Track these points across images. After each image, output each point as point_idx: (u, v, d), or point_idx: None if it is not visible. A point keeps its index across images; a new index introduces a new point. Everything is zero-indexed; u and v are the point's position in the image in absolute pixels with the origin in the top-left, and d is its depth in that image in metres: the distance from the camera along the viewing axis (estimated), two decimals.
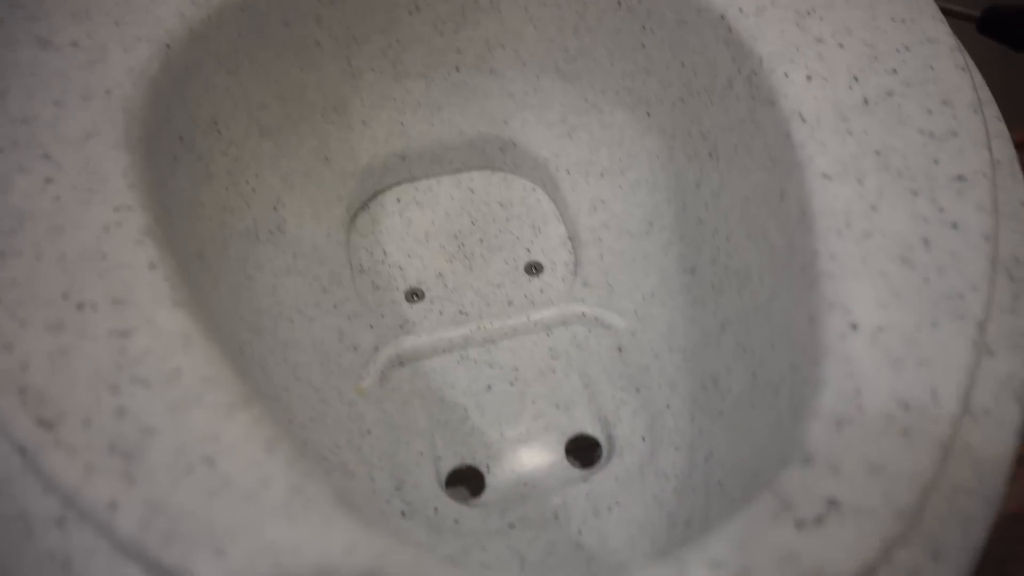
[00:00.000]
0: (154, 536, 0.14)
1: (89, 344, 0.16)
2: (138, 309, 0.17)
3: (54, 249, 0.18)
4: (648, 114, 0.32)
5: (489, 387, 0.31)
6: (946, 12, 0.29)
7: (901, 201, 0.18)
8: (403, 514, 0.25)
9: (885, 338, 0.16)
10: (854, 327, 0.17)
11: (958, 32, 0.29)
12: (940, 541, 0.15)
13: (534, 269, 0.35)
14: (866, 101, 0.21)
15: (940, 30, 0.22)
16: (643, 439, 0.28)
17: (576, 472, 0.29)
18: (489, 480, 0.29)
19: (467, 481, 0.29)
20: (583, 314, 0.32)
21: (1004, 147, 0.22)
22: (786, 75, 0.22)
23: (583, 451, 0.30)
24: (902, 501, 0.14)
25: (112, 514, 0.14)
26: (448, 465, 0.29)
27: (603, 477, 0.28)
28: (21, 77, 0.22)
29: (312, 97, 0.32)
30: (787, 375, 0.19)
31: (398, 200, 0.37)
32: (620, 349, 0.31)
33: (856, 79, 0.21)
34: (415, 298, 0.34)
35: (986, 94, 0.23)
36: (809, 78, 0.21)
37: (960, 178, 0.19)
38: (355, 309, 0.32)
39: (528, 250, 0.36)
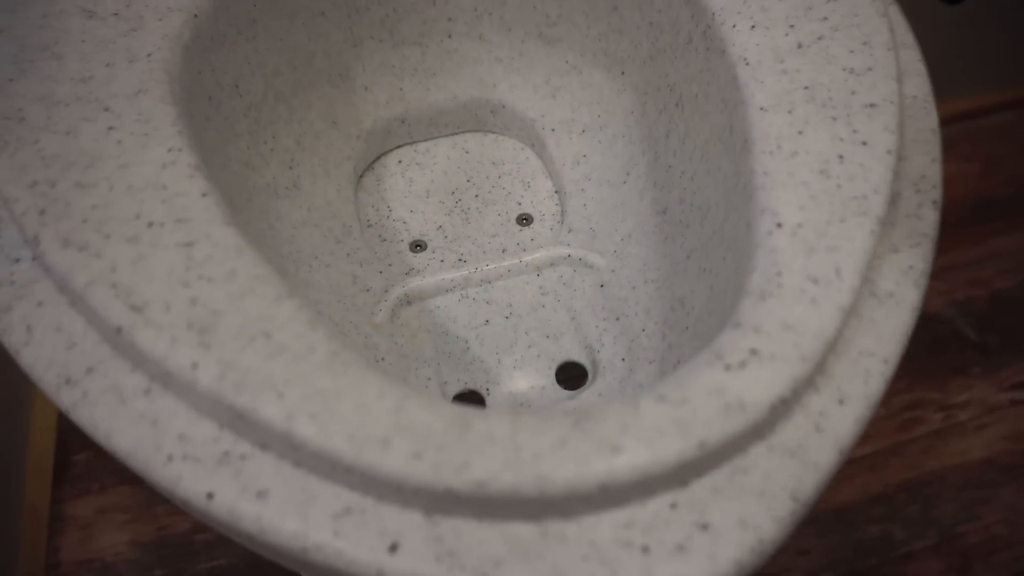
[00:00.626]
0: (228, 386, 0.17)
1: (161, 252, 0.20)
2: (197, 226, 0.21)
3: (123, 181, 0.22)
4: (623, 73, 0.35)
5: (487, 321, 0.35)
6: None
7: (823, 125, 0.22)
8: None
9: (802, 232, 0.20)
10: (779, 225, 0.20)
11: None
12: (845, 391, 0.19)
13: (525, 220, 0.39)
14: (799, 45, 0.25)
15: None
16: (623, 360, 0.32)
17: (565, 393, 0.33)
18: (489, 402, 0.33)
19: (470, 403, 0.33)
20: (569, 256, 0.36)
21: (921, 84, 0.26)
22: (734, 26, 0.25)
23: (572, 382, 0.34)
24: (807, 349, 0.18)
25: (194, 372, 0.18)
26: (452, 389, 0.33)
27: (588, 394, 0.32)
28: (73, 43, 0.26)
29: (319, 64, 0.36)
30: (732, 277, 0.23)
31: (399, 161, 0.41)
32: (602, 285, 0.35)
33: (792, 26, 0.25)
34: (418, 248, 0.38)
35: (909, 38, 0.27)
36: (753, 27, 0.25)
37: (872, 105, 0.23)
38: (366, 257, 0.36)
39: (519, 203, 0.39)
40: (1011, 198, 0.92)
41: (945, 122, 0.99)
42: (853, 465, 0.71)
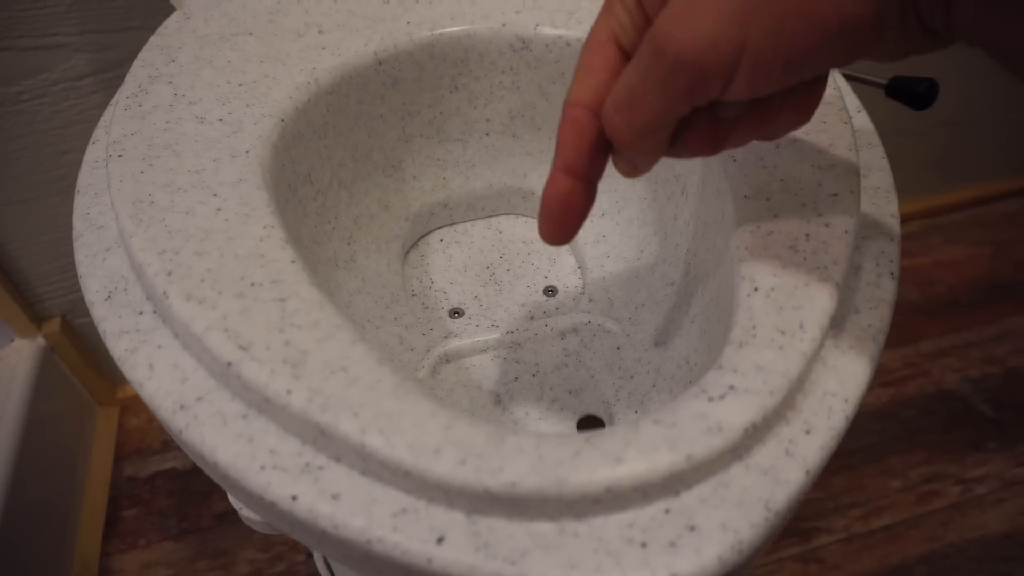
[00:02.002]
0: (315, 408, 0.22)
1: (261, 305, 0.25)
2: (288, 286, 0.26)
3: (231, 251, 0.27)
4: None
5: (516, 378, 0.40)
6: (861, 80, 0.38)
7: (794, 210, 0.27)
8: None
9: (774, 294, 0.25)
10: (756, 289, 0.25)
11: (869, 96, 0.38)
12: (811, 423, 0.23)
13: (551, 291, 0.44)
14: (777, 146, 0.30)
15: (833, 95, 0.32)
16: (635, 412, 0.37)
17: None
18: None
19: None
20: (589, 322, 0.41)
21: (883, 177, 0.31)
22: None
23: (590, 428, 0.38)
24: (775, 385, 0.22)
25: (288, 397, 0.23)
26: None
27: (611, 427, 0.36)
28: (189, 144, 0.32)
29: (376, 157, 0.42)
30: (722, 334, 0.28)
31: (441, 240, 0.47)
32: (618, 348, 0.40)
33: None
34: (456, 315, 0.43)
35: (875, 140, 0.32)
36: None
37: (834, 195, 0.28)
38: (410, 322, 0.41)
39: (546, 276, 0.45)
40: (1022, 281, 0.95)
41: (957, 208, 1.04)
42: (872, 536, 0.73)
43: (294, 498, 0.22)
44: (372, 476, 0.22)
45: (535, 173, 0.46)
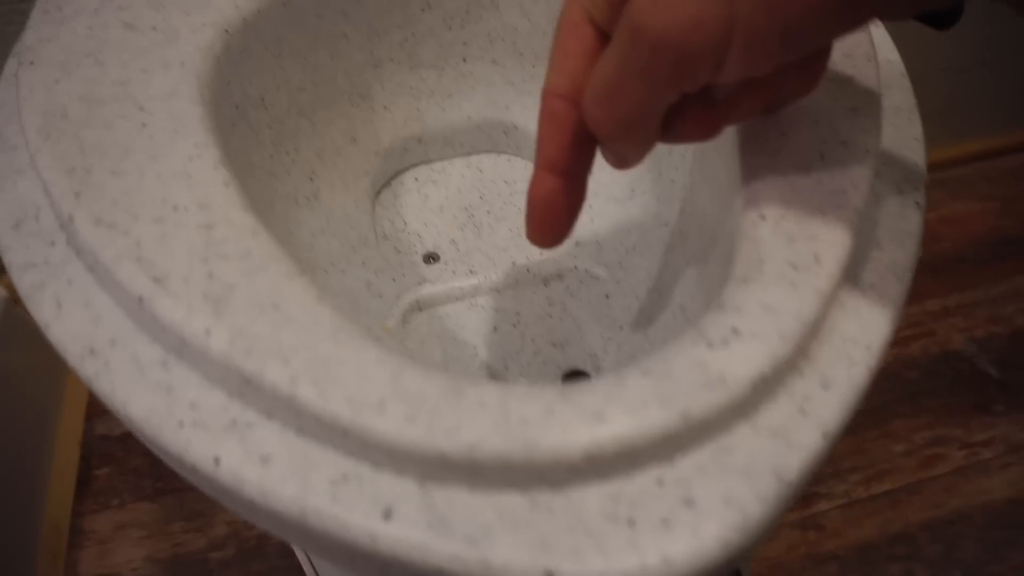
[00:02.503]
0: (237, 351, 0.19)
1: (183, 232, 0.21)
2: (218, 211, 0.22)
3: (152, 170, 0.23)
4: None
5: (495, 329, 0.36)
6: None
7: (805, 127, 0.23)
8: None
9: (784, 223, 0.21)
10: (762, 217, 0.21)
11: None
12: (829, 375, 0.20)
13: None
14: None
15: None
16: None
17: None
18: None
19: None
20: (575, 267, 0.37)
21: (904, 97, 0.27)
22: None
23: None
24: (787, 329, 0.19)
25: (207, 338, 0.19)
26: None
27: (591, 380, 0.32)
28: (115, 52, 0.28)
29: (341, 83, 0.38)
30: (723, 276, 0.24)
31: (416, 179, 0.43)
32: (607, 295, 0.36)
33: None
34: (431, 260, 0.39)
35: (894, 55, 0.28)
36: None
37: (852, 109, 0.24)
38: (380, 266, 0.38)
39: None
40: None
41: (962, 162, 1.00)
42: (873, 502, 0.70)
43: (217, 460, 0.19)
44: (309, 436, 0.19)
45: (517, 105, 0.42)
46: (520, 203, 0.41)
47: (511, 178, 0.43)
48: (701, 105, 0.21)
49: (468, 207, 0.41)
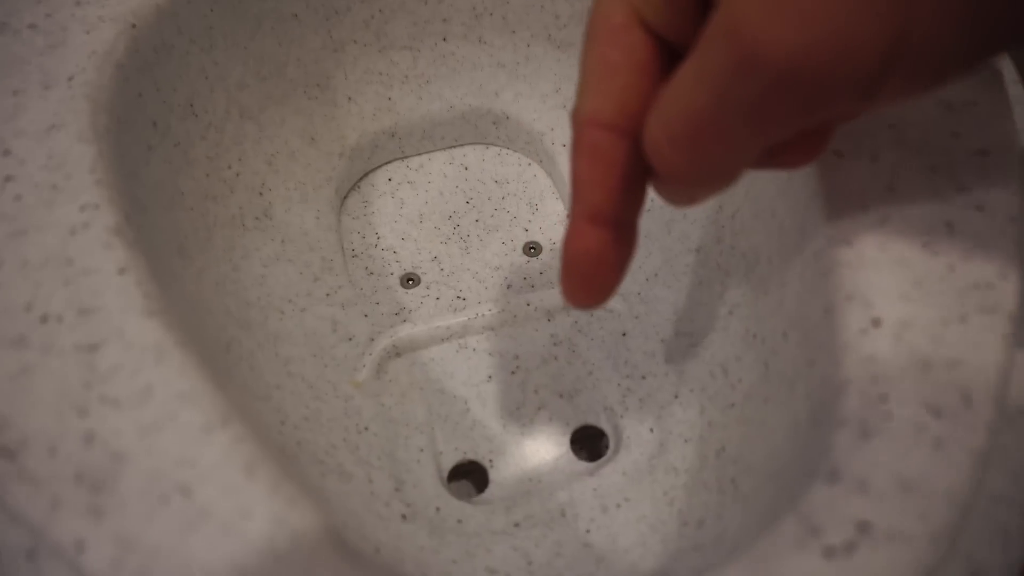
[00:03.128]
0: None
1: (54, 360, 0.15)
2: (107, 320, 0.16)
3: (15, 256, 0.17)
4: None
5: (490, 377, 0.30)
6: None
7: (919, 179, 0.17)
8: (404, 517, 0.24)
9: (910, 335, 0.15)
10: (876, 323, 0.15)
11: None
12: (979, 560, 0.14)
13: (533, 249, 0.34)
14: None
15: None
16: (651, 430, 0.27)
17: (582, 465, 0.28)
18: (493, 475, 0.28)
19: (470, 475, 0.28)
20: None
21: None
22: None
23: (589, 440, 0.29)
24: (939, 522, 0.13)
25: (80, 554, 0.13)
26: (450, 460, 0.28)
27: (610, 471, 0.27)
28: None
29: (293, 74, 0.31)
30: (803, 370, 0.18)
31: (389, 179, 0.36)
32: (624, 334, 0.30)
33: None
34: (410, 283, 0.33)
35: (1005, 62, 0.22)
36: None
37: (982, 152, 0.17)
38: (348, 297, 0.31)
39: (526, 229, 0.34)
40: None
41: None
42: None
43: None
44: None
45: (509, 91, 0.35)
46: (514, 208, 0.35)
47: (503, 177, 0.36)
48: (806, 132, 0.15)
49: (453, 215, 0.35)
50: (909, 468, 0.13)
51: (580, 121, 0.16)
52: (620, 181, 0.17)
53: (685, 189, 0.16)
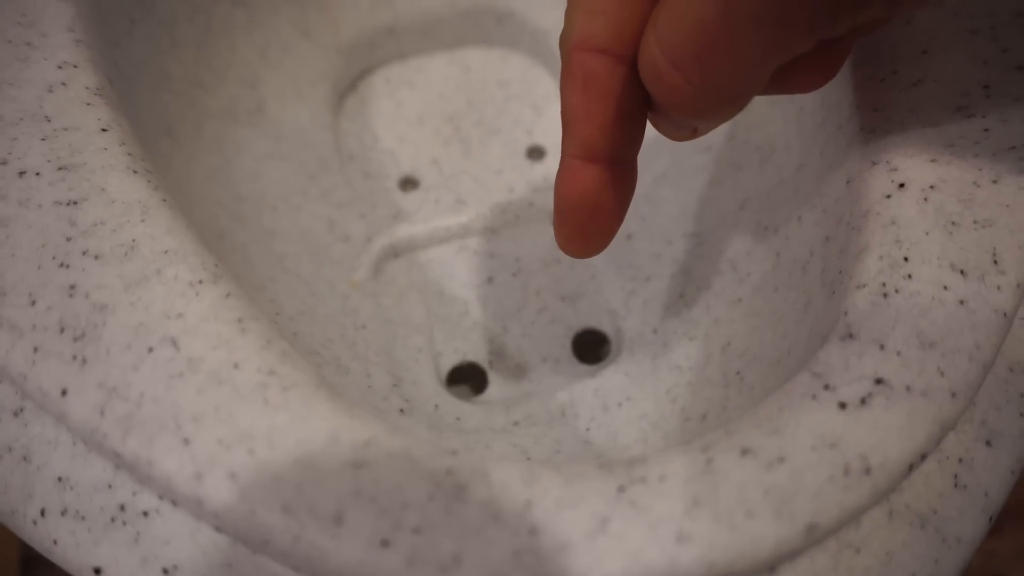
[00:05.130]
0: (112, 424, 0.12)
1: (33, 214, 0.14)
2: (88, 175, 0.15)
3: None
4: None
5: (490, 279, 0.29)
6: None
7: (957, 42, 0.16)
8: (402, 411, 0.24)
9: (938, 197, 0.14)
10: (901, 186, 0.14)
11: None
12: (993, 426, 0.13)
13: (536, 153, 0.33)
14: None
15: None
16: (654, 331, 0.27)
17: (583, 368, 0.28)
18: (492, 377, 0.27)
19: (469, 379, 0.28)
20: None
21: None
22: None
23: (590, 348, 0.28)
24: (960, 379, 0.12)
25: (64, 401, 0.12)
26: (449, 362, 0.28)
27: (612, 372, 0.26)
28: None
29: None
30: (818, 248, 0.17)
31: (387, 81, 0.35)
32: (629, 237, 0.29)
33: None
34: (409, 186, 0.32)
35: None
36: None
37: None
38: (345, 197, 0.30)
39: (529, 132, 0.33)
40: None
41: None
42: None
43: (97, 572, 0.13)
44: (234, 537, 0.12)
45: None
46: (517, 110, 0.34)
47: (505, 78, 0.35)
48: (823, 46, 0.13)
49: (453, 117, 0.34)
50: (931, 327, 0.13)
51: (570, 46, 0.15)
52: (617, 113, 0.15)
53: (687, 119, 0.15)
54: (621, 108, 0.15)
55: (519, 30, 0.34)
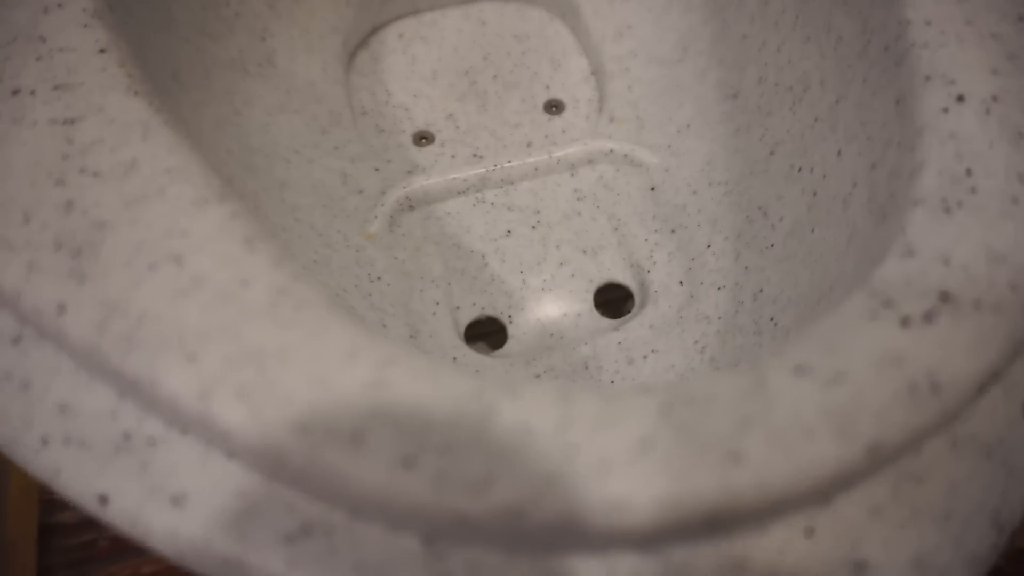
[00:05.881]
0: (112, 341, 0.11)
1: (27, 132, 0.13)
2: (86, 95, 0.14)
3: None
4: None
5: (509, 232, 0.28)
6: None
7: None
8: None
9: (1001, 109, 0.13)
10: (960, 99, 0.13)
11: None
12: None
13: (554, 107, 0.32)
14: None
15: None
16: (680, 283, 0.26)
17: (606, 322, 0.27)
18: (511, 331, 0.27)
19: (487, 336, 0.27)
20: (611, 151, 0.29)
21: None
22: None
23: (612, 305, 0.27)
24: None
25: (61, 318, 0.11)
26: (467, 316, 0.27)
27: (636, 325, 0.25)
28: None
29: None
30: (863, 177, 0.16)
31: (400, 36, 0.34)
32: (653, 188, 0.28)
33: None
34: (424, 141, 0.31)
35: None
36: None
37: None
38: (358, 151, 0.29)
39: (547, 87, 0.32)
40: None
41: None
42: None
43: (103, 500, 0.12)
44: (247, 463, 0.12)
45: None
46: (534, 64, 0.32)
47: (523, 32, 0.34)
48: None
49: (469, 71, 0.33)
50: (999, 240, 0.12)
51: None
52: None
53: None
54: None
55: None
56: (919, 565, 0.11)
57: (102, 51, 0.15)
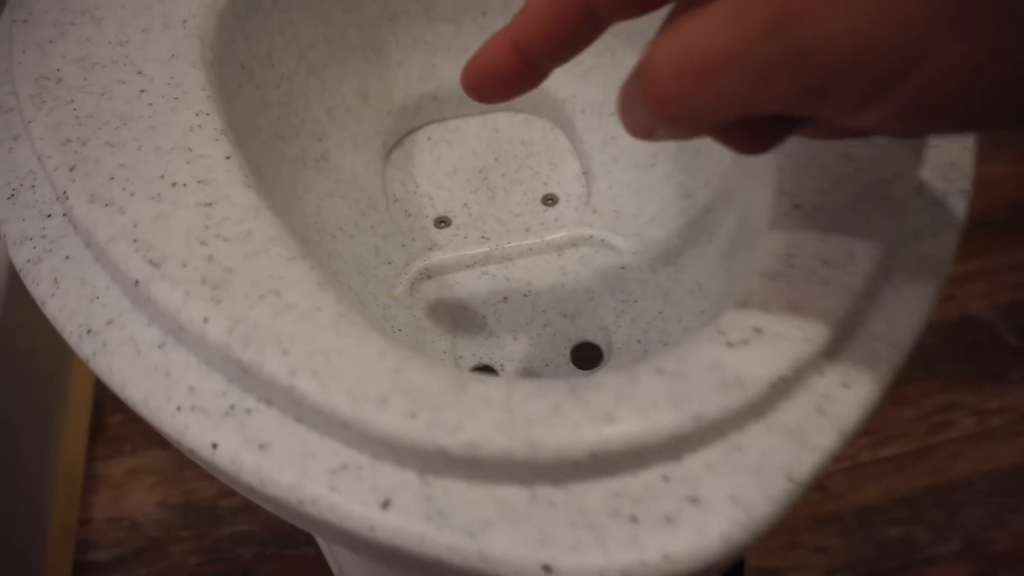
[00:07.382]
0: (236, 340, 0.18)
1: (182, 211, 0.21)
2: (218, 188, 0.21)
3: (151, 142, 0.22)
4: None
5: (505, 298, 0.35)
6: None
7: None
8: None
9: (819, 215, 0.20)
10: (796, 207, 0.20)
11: None
12: (851, 375, 0.19)
13: (550, 200, 0.39)
14: None
15: None
16: (638, 342, 0.32)
17: (579, 372, 0.33)
18: (503, 376, 0.33)
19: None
20: (591, 236, 0.36)
21: None
22: None
23: (587, 363, 0.34)
24: (813, 330, 0.18)
25: (205, 326, 0.18)
26: (468, 363, 0.33)
27: (601, 374, 0.32)
28: (112, 9, 0.27)
29: (353, 38, 0.37)
30: (748, 260, 0.23)
31: (429, 138, 0.42)
32: (622, 267, 0.35)
33: None
34: (443, 224, 0.38)
35: None
36: None
37: None
38: (389, 231, 0.37)
39: (545, 183, 0.40)
40: None
41: None
42: (878, 465, 0.70)
43: (215, 446, 0.18)
44: (308, 424, 0.18)
45: None
46: (536, 165, 0.40)
47: (528, 139, 0.41)
48: (769, 119, 0.16)
49: (482, 169, 0.40)
50: (799, 297, 0.18)
51: None
52: (565, 27, 0.17)
53: (655, 122, 0.16)
54: (571, 24, 0.17)
55: (541, 98, 0.41)
56: (734, 499, 0.17)
57: (227, 158, 0.22)
